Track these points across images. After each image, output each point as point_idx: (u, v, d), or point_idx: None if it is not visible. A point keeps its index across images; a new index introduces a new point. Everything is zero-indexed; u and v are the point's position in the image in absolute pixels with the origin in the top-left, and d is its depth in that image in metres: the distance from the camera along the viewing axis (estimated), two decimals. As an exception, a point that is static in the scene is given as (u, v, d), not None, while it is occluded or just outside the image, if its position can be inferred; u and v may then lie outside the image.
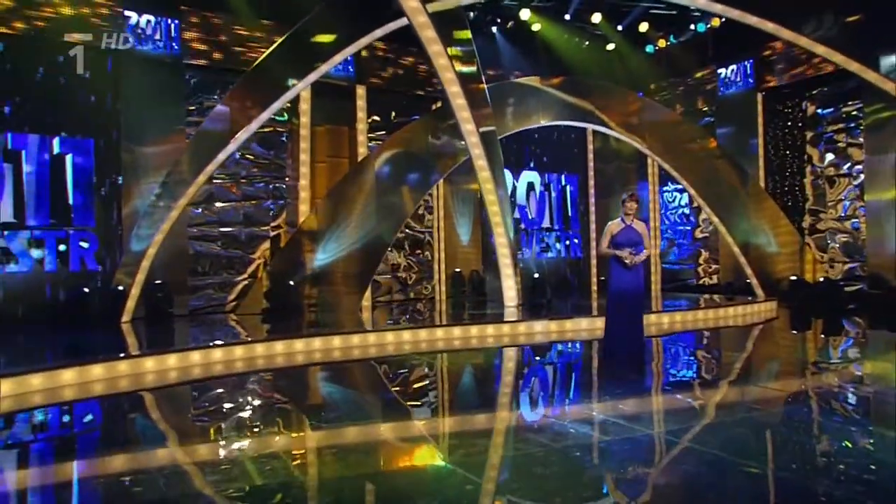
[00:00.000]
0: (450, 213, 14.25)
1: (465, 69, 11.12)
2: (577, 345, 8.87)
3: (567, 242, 16.06)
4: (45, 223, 10.36)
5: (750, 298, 12.50)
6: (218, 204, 12.06)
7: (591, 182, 16.23)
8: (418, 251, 14.26)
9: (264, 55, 10.89)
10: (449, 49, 10.51)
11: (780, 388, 6.18)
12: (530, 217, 15.41)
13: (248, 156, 12.35)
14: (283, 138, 12.65)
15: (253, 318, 10.87)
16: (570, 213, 16.08)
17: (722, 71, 14.88)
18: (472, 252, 14.17)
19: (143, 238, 10.56)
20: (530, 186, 15.44)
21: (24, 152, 10.22)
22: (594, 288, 15.80)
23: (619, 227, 6.65)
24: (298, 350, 7.94)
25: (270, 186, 12.58)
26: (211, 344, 7.65)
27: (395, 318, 11.18)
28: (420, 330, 8.99)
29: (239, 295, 12.13)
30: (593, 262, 16.07)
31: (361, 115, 13.12)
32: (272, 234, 12.57)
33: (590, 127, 14.34)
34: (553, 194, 15.81)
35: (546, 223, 15.62)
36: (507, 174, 14.93)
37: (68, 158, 10.59)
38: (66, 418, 5.56)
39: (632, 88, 14.51)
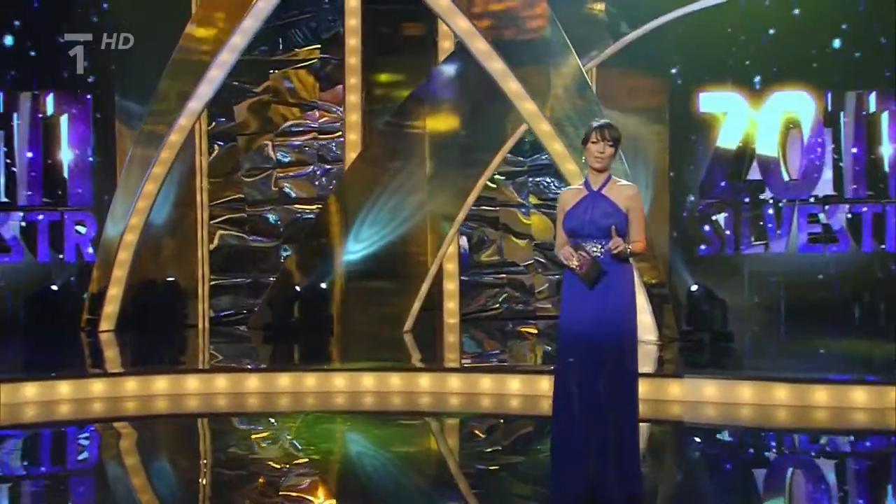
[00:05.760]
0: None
1: None
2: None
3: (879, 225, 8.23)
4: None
5: None
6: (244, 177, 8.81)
7: (944, 105, 8.09)
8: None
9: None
10: None
11: None
12: (787, 179, 8.26)
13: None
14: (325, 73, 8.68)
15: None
16: (886, 169, 8.23)
17: None
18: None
19: (119, 221, 8.07)
20: (790, 123, 8.27)
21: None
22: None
23: (575, 196, 3.01)
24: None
25: (316, 145, 8.78)
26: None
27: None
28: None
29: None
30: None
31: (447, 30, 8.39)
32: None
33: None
34: (844, 134, 8.26)
35: (824, 188, 8.22)
36: (731, 98, 8.33)
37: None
38: None
39: None
